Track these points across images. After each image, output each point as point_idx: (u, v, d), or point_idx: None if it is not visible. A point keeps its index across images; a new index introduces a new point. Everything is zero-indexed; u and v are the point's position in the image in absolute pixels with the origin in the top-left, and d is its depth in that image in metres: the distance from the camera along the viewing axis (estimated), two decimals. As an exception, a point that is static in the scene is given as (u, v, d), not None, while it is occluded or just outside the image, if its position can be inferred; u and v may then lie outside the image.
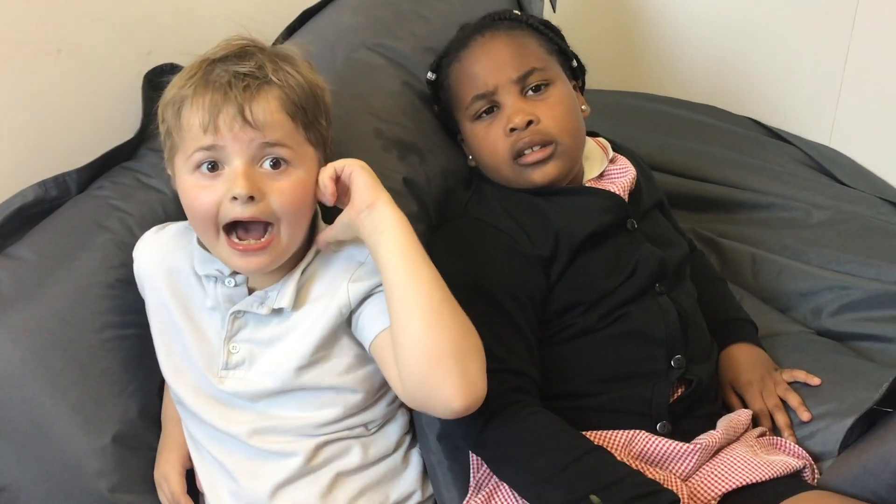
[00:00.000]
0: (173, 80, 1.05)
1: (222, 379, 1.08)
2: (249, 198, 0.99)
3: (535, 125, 1.18)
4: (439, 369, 0.96)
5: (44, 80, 1.24)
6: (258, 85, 0.99)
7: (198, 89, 0.99)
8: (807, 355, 1.30)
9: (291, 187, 1.01)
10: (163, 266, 1.12)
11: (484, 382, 0.99)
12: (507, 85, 1.20)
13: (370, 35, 1.35)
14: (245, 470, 1.08)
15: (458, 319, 0.99)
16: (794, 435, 1.20)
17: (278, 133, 0.99)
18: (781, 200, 1.58)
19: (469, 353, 0.98)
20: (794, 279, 1.45)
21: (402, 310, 0.99)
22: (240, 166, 0.99)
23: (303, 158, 1.02)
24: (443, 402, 0.98)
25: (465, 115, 1.24)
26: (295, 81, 1.02)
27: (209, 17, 1.39)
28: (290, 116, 1.00)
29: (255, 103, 0.98)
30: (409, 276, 0.99)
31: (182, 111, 1.00)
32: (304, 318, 1.07)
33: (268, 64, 1.01)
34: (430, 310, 0.98)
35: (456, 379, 0.96)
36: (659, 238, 1.25)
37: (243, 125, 0.97)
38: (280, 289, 1.07)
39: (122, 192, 1.24)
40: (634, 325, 1.17)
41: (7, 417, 1.11)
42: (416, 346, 0.98)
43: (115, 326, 1.16)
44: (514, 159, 1.20)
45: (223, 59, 1.01)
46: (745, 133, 1.77)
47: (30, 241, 1.19)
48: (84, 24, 1.26)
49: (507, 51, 1.22)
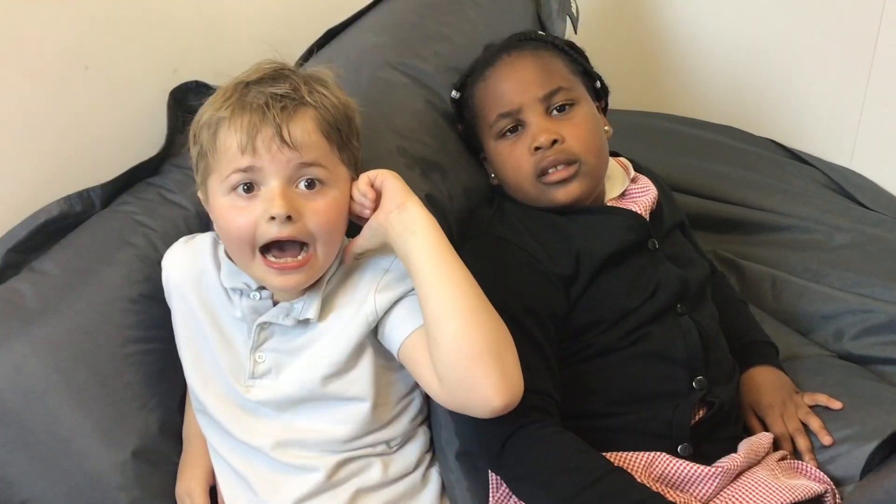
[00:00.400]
0: (208, 102, 1.05)
1: (249, 388, 1.09)
2: (287, 217, 0.99)
3: (560, 144, 1.19)
4: (478, 367, 0.96)
5: (71, 96, 1.25)
6: (294, 106, 1.00)
7: (235, 111, 1.00)
8: (828, 379, 1.29)
9: (327, 207, 1.02)
10: (192, 276, 1.13)
11: (521, 378, 0.99)
12: (532, 104, 1.20)
13: (394, 54, 1.36)
14: (266, 483, 1.08)
15: (492, 316, 0.99)
16: (815, 459, 1.19)
17: (315, 153, 1.00)
18: (802, 222, 1.57)
19: (505, 349, 0.98)
20: (816, 302, 1.44)
21: (437, 308, 0.99)
22: (277, 187, 1.00)
23: (337, 178, 1.03)
24: (483, 400, 0.97)
25: (490, 133, 1.24)
26: (329, 102, 1.03)
27: (234, 35, 1.40)
28: (326, 137, 1.01)
29: (292, 123, 0.99)
30: (442, 274, 0.99)
31: (218, 133, 1.01)
32: (330, 328, 1.07)
33: (302, 86, 1.02)
34: (467, 307, 0.98)
35: (496, 376, 0.96)
36: (680, 258, 1.25)
37: (281, 145, 0.98)
38: (305, 301, 1.08)
39: (146, 207, 1.25)
40: (656, 345, 1.16)
41: (30, 430, 1.11)
42: (455, 344, 0.97)
43: (138, 341, 1.17)
44: (537, 178, 1.20)
45: (258, 81, 1.02)
46: (765, 154, 1.76)
47: (54, 256, 1.20)
48: (111, 42, 1.27)
49: (532, 70, 1.23)
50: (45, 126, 1.23)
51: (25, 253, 1.21)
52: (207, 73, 1.32)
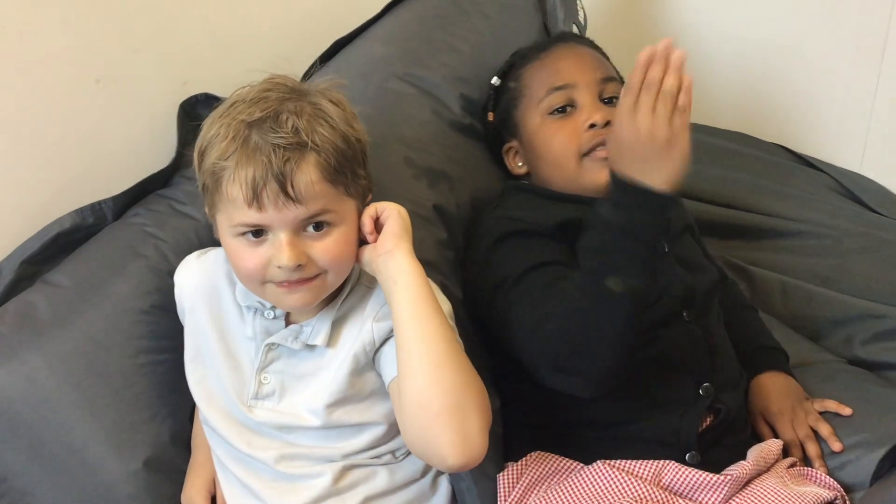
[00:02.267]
0: (209, 137, 1.02)
1: (251, 408, 1.10)
2: (297, 265, 1.00)
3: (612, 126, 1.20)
4: (437, 424, 0.97)
5: (82, 109, 1.26)
6: (298, 156, 0.98)
7: (239, 162, 0.98)
8: (838, 385, 1.29)
9: (335, 244, 1.02)
10: (204, 291, 1.13)
11: (483, 440, 0.99)
12: (589, 84, 1.23)
13: (401, 65, 1.37)
14: (272, 490, 1.09)
15: (460, 375, 1.00)
16: (825, 465, 1.19)
17: (320, 203, 1.00)
18: (812, 228, 1.57)
19: (469, 410, 0.98)
20: (826, 307, 1.44)
21: (405, 361, 1.00)
22: (285, 238, 1.00)
23: (345, 215, 1.03)
24: (439, 457, 0.99)
25: (537, 109, 1.25)
26: (332, 143, 1.00)
27: (244, 48, 1.41)
28: (331, 182, 1.00)
29: (296, 177, 0.97)
30: (415, 328, 1.00)
31: (222, 182, 1.00)
32: (336, 357, 1.08)
33: (304, 126, 0.99)
34: (432, 364, 0.99)
35: (453, 436, 0.97)
36: (689, 262, 1.25)
37: (286, 201, 0.97)
38: (315, 324, 1.08)
39: (157, 219, 1.25)
40: (662, 351, 1.16)
41: (42, 441, 1.12)
42: (415, 398, 0.99)
43: (149, 352, 1.18)
44: (583, 156, 1.21)
45: (260, 122, 0.99)
46: (774, 160, 1.76)
47: (66, 268, 1.21)
48: (122, 55, 1.29)
49: (591, 56, 1.28)
50: (56, 139, 1.25)
51: (38, 265, 1.22)
52: (217, 86, 1.33)
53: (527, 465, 1.18)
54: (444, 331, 1.01)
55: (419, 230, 1.23)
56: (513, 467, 1.19)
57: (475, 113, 1.37)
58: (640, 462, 1.12)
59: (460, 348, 1.02)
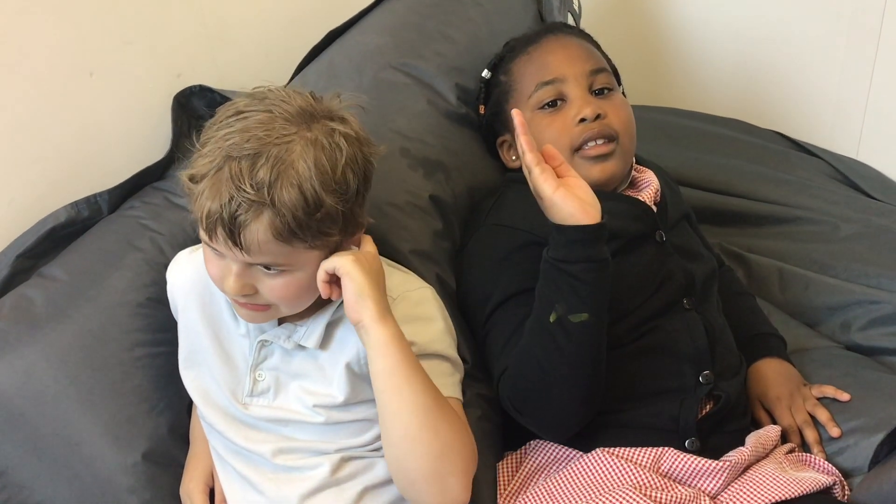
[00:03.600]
0: (202, 144, 1.01)
1: (246, 405, 1.10)
2: (243, 294, 1.01)
3: (603, 119, 1.20)
4: (414, 489, 1.02)
5: (76, 102, 1.26)
6: (253, 214, 0.95)
7: (204, 190, 0.98)
8: (836, 370, 1.29)
9: (283, 287, 1.01)
10: (196, 288, 1.13)
11: (466, 492, 1.02)
12: (578, 77, 1.23)
13: (396, 55, 1.36)
14: (270, 483, 1.09)
15: (437, 441, 1.01)
16: (823, 451, 1.19)
17: (267, 258, 0.99)
18: (809, 214, 1.57)
19: (447, 473, 1.01)
20: (823, 294, 1.44)
21: (382, 427, 1.03)
22: (234, 268, 1.00)
23: (302, 264, 1.01)
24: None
25: (527, 105, 1.25)
26: (292, 208, 0.96)
27: (237, 40, 1.41)
28: (284, 241, 0.98)
29: (244, 231, 0.96)
30: (389, 402, 1.01)
31: (193, 195, 1.00)
32: (330, 359, 1.08)
33: (271, 182, 0.95)
34: (406, 437, 1.01)
35: (432, 497, 1.02)
36: (688, 251, 1.25)
37: (234, 246, 0.97)
38: (310, 325, 1.08)
39: (153, 211, 1.25)
40: (662, 340, 1.16)
41: (40, 434, 1.12)
42: (394, 465, 1.03)
43: (146, 344, 1.18)
44: (575, 152, 1.21)
45: (238, 160, 0.96)
46: (771, 146, 1.76)
47: (62, 261, 1.21)
48: (115, 47, 1.28)
49: (580, 48, 1.27)
50: (50, 132, 1.24)
51: (34, 259, 1.22)
52: (211, 78, 1.33)
53: (526, 454, 1.19)
54: (420, 399, 1.01)
55: (415, 221, 1.23)
56: (511, 456, 1.19)
57: (471, 103, 1.36)
58: (639, 449, 1.12)
59: (441, 403, 1.02)
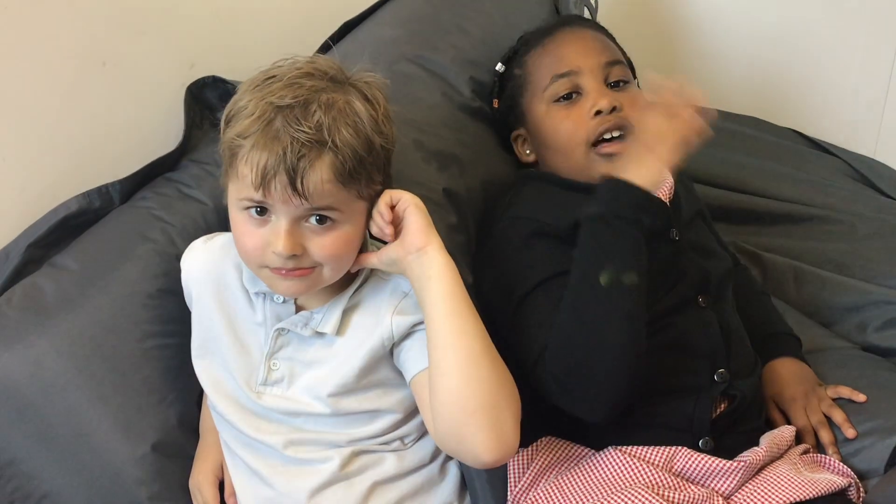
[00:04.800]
0: (238, 108, 1.00)
1: (260, 394, 1.09)
2: (291, 255, 1.00)
3: (619, 111, 1.20)
4: (472, 422, 0.97)
5: (89, 92, 1.26)
6: (314, 154, 0.96)
7: (256, 144, 0.97)
8: (851, 371, 1.28)
9: (334, 242, 1.00)
10: (211, 277, 1.12)
11: (516, 435, 0.99)
12: (594, 69, 1.22)
13: (410, 47, 1.36)
14: (280, 476, 1.09)
15: (496, 372, 0.99)
16: (838, 452, 1.18)
17: (327, 200, 0.98)
18: (825, 213, 1.56)
19: (503, 406, 0.99)
20: (839, 293, 1.43)
21: (440, 358, 0.99)
22: (284, 224, 0.99)
23: (351, 215, 1.01)
24: (472, 454, 0.99)
25: (542, 97, 1.24)
26: (352, 146, 0.97)
27: (251, 30, 1.41)
28: (343, 184, 0.98)
29: (307, 174, 0.96)
30: (451, 325, 0.99)
31: (236, 159, 0.99)
32: (347, 345, 1.07)
33: (328, 123, 0.97)
34: (469, 362, 0.98)
35: (488, 433, 0.97)
36: (701, 248, 1.24)
37: (293, 194, 0.96)
38: (326, 312, 1.07)
39: (165, 202, 1.25)
40: (677, 337, 1.15)
41: (50, 425, 1.12)
42: (451, 396, 0.99)
43: (157, 336, 1.17)
44: (591, 146, 1.20)
45: (288, 109, 0.97)
46: (788, 145, 1.75)
47: (74, 251, 1.21)
48: (129, 37, 1.28)
49: (595, 40, 1.26)
50: (63, 122, 1.24)
51: (45, 248, 1.22)
52: (224, 68, 1.32)
53: (537, 451, 1.18)
54: (479, 327, 1.00)
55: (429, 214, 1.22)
56: (523, 453, 1.18)
57: (485, 96, 1.36)
58: (652, 448, 1.11)
59: (492, 344, 1.01)
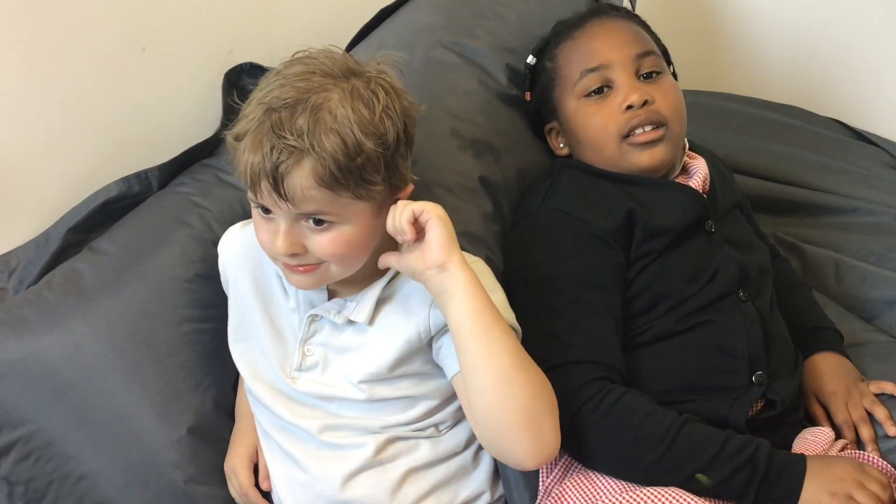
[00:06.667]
0: (244, 108, 1.01)
1: (295, 379, 1.10)
2: (292, 254, 1.00)
3: (651, 105, 1.18)
4: (510, 436, 0.98)
5: (128, 78, 1.27)
6: (294, 161, 0.95)
7: (246, 146, 0.98)
8: (892, 366, 1.26)
9: (333, 242, 1.00)
10: (247, 262, 1.13)
11: (557, 437, 1.00)
12: (625, 62, 1.20)
13: (447, 34, 1.35)
14: (315, 460, 1.09)
15: (530, 382, 0.99)
16: (878, 449, 1.16)
17: (314, 205, 0.98)
18: (867, 205, 1.53)
19: (542, 416, 0.99)
20: (880, 286, 1.40)
21: (472, 377, 0.99)
22: (283, 224, 1.00)
23: (348, 216, 1.00)
24: (514, 462, 1.02)
25: (572, 93, 1.23)
26: (333, 152, 0.95)
27: (288, 17, 1.41)
28: (328, 188, 0.97)
29: (288, 178, 0.95)
30: (479, 344, 0.98)
31: (237, 154, 1.00)
32: (381, 335, 1.07)
33: (310, 130, 0.95)
34: (501, 380, 0.98)
35: (528, 444, 0.98)
36: (739, 241, 1.22)
37: (279, 199, 0.97)
38: (360, 300, 1.07)
39: (202, 188, 1.26)
40: (716, 334, 1.14)
41: (88, 407, 1.13)
42: (487, 414, 0.99)
43: (194, 320, 1.18)
44: (623, 138, 1.19)
45: (277, 111, 0.96)
46: (829, 134, 1.72)
47: (113, 236, 1.22)
48: (168, 23, 1.29)
49: (626, 31, 1.24)
50: (103, 107, 1.25)
51: (85, 233, 1.23)
52: (262, 55, 1.32)
53: (570, 442, 1.17)
54: (509, 341, 0.99)
55: (465, 202, 1.22)
56: (556, 443, 1.17)
57: (520, 84, 1.35)
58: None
59: (524, 352, 1.01)
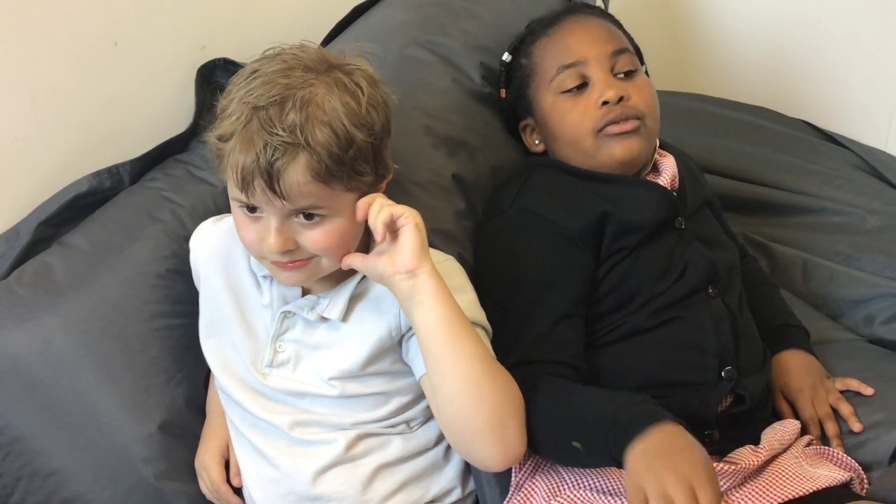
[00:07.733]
0: (223, 108, 1.00)
1: (266, 375, 1.10)
2: (284, 251, 1.00)
3: (626, 101, 1.19)
4: (478, 440, 1.00)
5: (100, 72, 1.26)
6: (289, 157, 0.95)
7: (235, 146, 0.97)
8: (858, 363, 1.28)
9: (325, 236, 1.00)
10: (219, 258, 1.13)
11: (522, 441, 1.01)
12: (600, 59, 1.21)
13: (421, 32, 1.35)
14: (285, 456, 1.09)
15: (498, 387, 1.00)
16: (842, 445, 1.18)
17: (309, 200, 0.98)
18: (835, 205, 1.55)
19: (508, 419, 1.00)
20: (847, 286, 1.42)
21: (440, 384, 1.00)
22: (273, 222, 0.99)
23: (340, 209, 1.00)
24: (481, 464, 1.04)
25: (549, 88, 1.23)
26: (327, 146, 0.96)
27: (262, 13, 1.40)
28: (323, 182, 0.97)
29: (283, 176, 0.95)
30: (447, 352, 0.98)
31: (223, 159, 0.99)
32: (353, 332, 1.07)
33: (302, 123, 0.95)
34: (469, 386, 0.98)
35: (494, 448, 1.00)
36: (709, 239, 1.24)
37: (273, 196, 0.96)
38: (333, 297, 1.07)
39: (174, 183, 1.25)
40: (686, 331, 1.15)
41: (58, 403, 1.13)
42: (455, 419, 1.01)
43: (165, 316, 1.18)
44: (598, 132, 1.20)
45: (265, 109, 0.96)
46: (798, 136, 1.73)
47: (83, 231, 1.22)
48: (140, 18, 1.28)
49: (601, 29, 1.25)
50: (74, 102, 1.24)
51: (55, 227, 1.22)
52: (235, 51, 1.32)
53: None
54: (477, 347, 0.99)
55: (438, 199, 1.23)
56: (527, 439, 1.18)
57: (495, 83, 1.35)
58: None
59: (492, 355, 1.02)
